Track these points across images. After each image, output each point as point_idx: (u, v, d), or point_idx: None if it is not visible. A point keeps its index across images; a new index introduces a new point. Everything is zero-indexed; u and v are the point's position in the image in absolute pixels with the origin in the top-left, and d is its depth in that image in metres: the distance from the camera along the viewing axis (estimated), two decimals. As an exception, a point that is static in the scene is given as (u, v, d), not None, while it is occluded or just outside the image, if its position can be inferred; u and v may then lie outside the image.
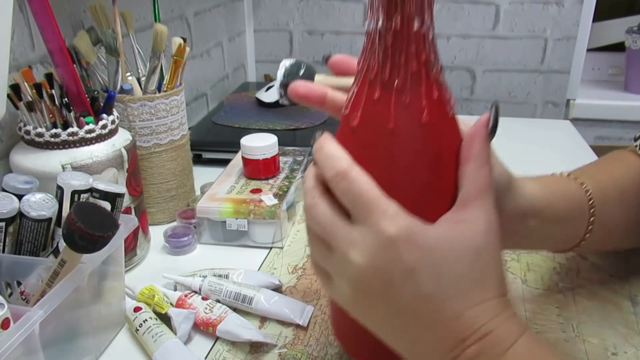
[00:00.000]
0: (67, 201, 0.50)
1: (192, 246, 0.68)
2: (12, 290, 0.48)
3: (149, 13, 0.82)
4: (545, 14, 1.35)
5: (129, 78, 0.69)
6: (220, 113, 1.06)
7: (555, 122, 1.24)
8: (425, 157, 0.36)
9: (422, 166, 0.36)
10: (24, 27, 0.64)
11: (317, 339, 0.53)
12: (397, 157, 0.36)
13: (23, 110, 0.56)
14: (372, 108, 0.36)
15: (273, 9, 1.45)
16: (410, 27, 0.34)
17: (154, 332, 0.51)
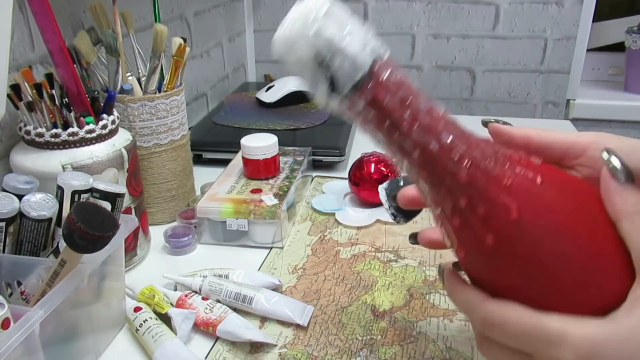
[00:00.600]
0: (68, 201, 0.50)
1: (192, 246, 0.68)
2: (12, 290, 0.48)
3: (149, 13, 0.82)
4: (545, 14, 1.35)
5: (129, 78, 0.69)
6: (221, 113, 1.06)
7: (555, 122, 1.24)
8: (566, 240, 0.31)
9: (571, 251, 0.31)
10: (24, 27, 0.64)
11: (317, 339, 0.53)
12: (534, 259, 0.31)
13: (23, 111, 0.56)
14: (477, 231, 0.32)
15: (273, 9, 1.45)
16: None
17: (154, 332, 0.51)
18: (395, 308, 0.57)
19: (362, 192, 0.77)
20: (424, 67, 1.45)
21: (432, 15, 1.39)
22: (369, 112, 0.31)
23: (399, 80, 0.31)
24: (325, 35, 0.29)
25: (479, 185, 0.31)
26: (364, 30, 0.30)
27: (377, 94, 0.30)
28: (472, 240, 0.32)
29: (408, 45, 1.43)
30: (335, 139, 0.94)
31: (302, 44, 0.29)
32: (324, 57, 0.29)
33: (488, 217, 0.31)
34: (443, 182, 0.32)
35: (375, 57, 0.30)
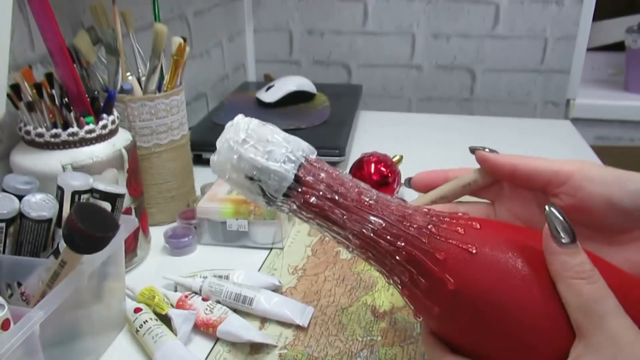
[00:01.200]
0: (68, 202, 0.50)
1: (192, 247, 0.68)
2: (12, 291, 0.48)
3: (149, 13, 0.81)
4: (545, 13, 1.35)
5: (129, 78, 0.69)
6: (221, 113, 1.06)
7: (555, 122, 1.24)
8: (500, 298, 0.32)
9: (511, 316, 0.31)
10: (24, 27, 0.63)
11: (317, 339, 0.53)
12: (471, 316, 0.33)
13: (23, 111, 0.56)
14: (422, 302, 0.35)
15: (273, 8, 1.45)
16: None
17: (154, 333, 0.51)
18: (395, 309, 0.57)
19: (363, 193, 0.77)
20: (424, 67, 1.45)
21: (432, 15, 1.39)
22: (304, 212, 0.35)
23: (324, 178, 0.35)
24: (246, 158, 0.34)
25: (416, 262, 0.34)
26: (286, 141, 0.35)
27: (306, 197, 0.35)
28: (422, 308, 0.35)
29: (408, 45, 1.43)
30: (335, 139, 0.94)
31: (230, 169, 0.35)
32: (252, 175, 0.34)
33: (429, 290, 0.34)
34: (385, 261, 0.35)
35: (300, 163, 0.35)
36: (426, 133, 1.10)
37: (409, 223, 0.34)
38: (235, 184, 0.35)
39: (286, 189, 0.34)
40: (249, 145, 0.34)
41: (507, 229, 0.36)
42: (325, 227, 0.36)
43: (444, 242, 0.34)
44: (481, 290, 0.32)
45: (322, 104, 1.11)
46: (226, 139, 0.35)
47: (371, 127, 1.15)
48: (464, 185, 0.43)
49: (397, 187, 0.78)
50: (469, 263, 0.33)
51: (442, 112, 1.47)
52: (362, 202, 0.35)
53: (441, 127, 1.14)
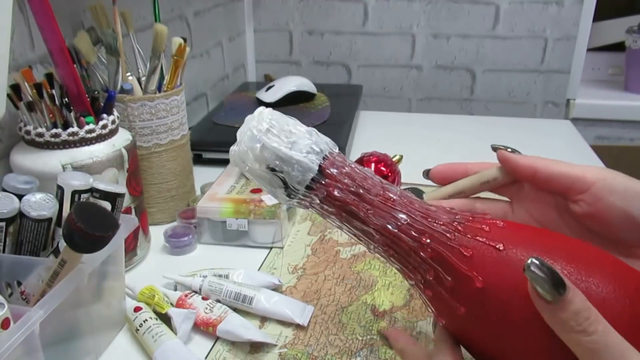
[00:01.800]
0: (68, 201, 0.50)
1: (192, 246, 0.68)
2: (12, 290, 0.48)
3: (149, 13, 0.82)
4: (545, 13, 1.35)
5: (129, 78, 0.69)
6: (221, 113, 1.06)
7: (555, 122, 1.24)
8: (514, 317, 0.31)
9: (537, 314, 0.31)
10: (24, 27, 0.64)
11: (317, 338, 0.53)
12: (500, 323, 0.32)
13: (23, 110, 0.56)
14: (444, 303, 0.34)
15: (273, 9, 1.45)
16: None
17: (154, 332, 0.51)
18: (395, 308, 0.57)
19: (362, 192, 0.77)
20: (424, 67, 1.45)
21: (432, 15, 1.39)
22: (327, 206, 0.34)
23: (348, 172, 0.34)
24: (270, 148, 0.33)
25: (442, 259, 0.33)
26: (308, 133, 0.34)
27: (329, 190, 0.34)
28: (446, 309, 0.34)
29: (408, 45, 1.43)
30: (335, 139, 0.93)
31: (252, 158, 0.33)
32: (274, 166, 0.33)
33: (455, 288, 0.33)
34: (409, 259, 0.34)
35: (323, 156, 0.34)
36: (426, 133, 1.10)
37: (434, 220, 0.34)
38: (256, 176, 0.34)
39: (309, 181, 0.33)
40: (273, 134, 0.33)
41: (529, 229, 0.35)
42: (347, 223, 0.35)
43: (470, 239, 0.33)
44: (508, 288, 0.31)
45: (322, 104, 1.11)
46: (249, 127, 0.34)
47: (371, 127, 1.15)
48: (482, 183, 0.43)
49: (398, 187, 0.78)
50: (496, 260, 0.32)
51: (442, 112, 1.47)
52: (387, 197, 0.34)
53: (441, 127, 1.14)
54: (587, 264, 0.31)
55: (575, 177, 0.37)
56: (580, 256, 0.31)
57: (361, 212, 0.34)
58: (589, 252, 0.33)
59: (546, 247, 0.33)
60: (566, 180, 0.38)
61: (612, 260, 0.33)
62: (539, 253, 0.32)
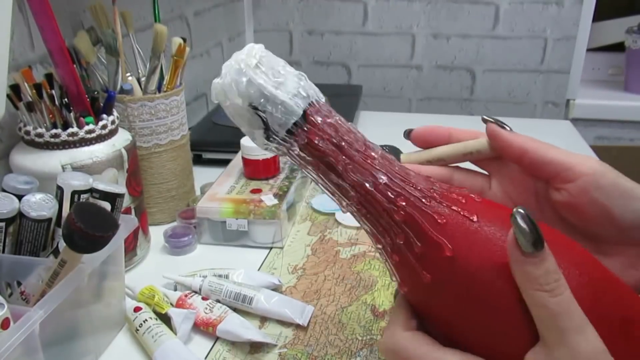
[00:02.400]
0: (67, 201, 0.50)
1: (192, 246, 0.68)
2: (12, 290, 0.48)
3: (149, 13, 0.82)
4: (545, 13, 1.35)
5: (129, 78, 0.69)
6: (221, 113, 1.06)
7: (555, 122, 1.24)
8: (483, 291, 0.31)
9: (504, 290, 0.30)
10: (23, 27, 0.64)
11: (317, 338, 0.53)
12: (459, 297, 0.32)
13: (23, 111, 0.56)
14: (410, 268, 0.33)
15: (273, 9, 1.45)
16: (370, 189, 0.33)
17: (154, 332, 0.51)
18: (395, 308, 0.57)
19: (362, 192, 0.77)
20: (424, 67, 1.45)
21: (432, 15, 1.39)
22: (305, 154, 0.33)
23: (332, 123, 0.33)
24: (256, 84, 0.31)
25: (414, 223, 0.32)
26: (297, 76, 0.33)
27: (311, 138, 0.32)
28: (411, 276, 0.33)
29: (408, 45, 1.43)
30: (335, 139, 0.94)
31: (236, 93, 0.32)
32: (257, 105, 0.31)
33: (424, 255, 0.32)
34: (380, 220, 0.33)
35: (309, 102, 0.32)
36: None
37: (412, 184, 0.33)
38: (236, 113, 0.33)
39: (291, 124, 0.32)
40: (261, 71, 0.32)
41: (505, 209, 0.34)
42: (323, 175, 0.33)
43: (445, 207, 0.32)
44: (477, 261, 0.31)
45: (322, 104, 1.11)
46: (236, 60, 0.32)
47: (371, 127, 1.15)
48: (465, 154, 0.40)
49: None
50: (469, 231, 0.31)
51: (442, 112, 1.47)
52: (368, 154, 0.33)
53: (441, 127, 1.14)
54: (556, 249, 0.30)
55: (565, 166, 0.36)
56: (550, 240, 0.31)
57: (339, 166, 0.32)
58: (558, 238, 0.33)
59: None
60: (554, 168, 0.36)
61: (579, 250, 0.33)
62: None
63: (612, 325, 0.29)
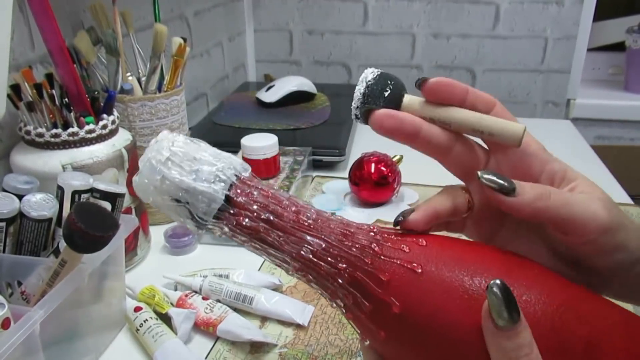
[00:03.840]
0: (68, 201, 0.50)
1: (192, 246, 0.68)
2: (12, 290, 0.48)
3: (149, 13, 0.82)
4: (545, 13, 1.35)
5: (129, 78, 0.69)
6: (221, 113, 1.06)
7: (555, 122, 1.24)
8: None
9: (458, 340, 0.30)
10: (24, 27, 0.64)
11: (317, 338, 0.53)
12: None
13: (23, 111, 0.56)
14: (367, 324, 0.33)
15: (273, 8, 1.45)
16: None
17: (154, 332, 0.51)
18: (395, 308, 0.57)
19: (362, 192, 0.77)
20: (424, 67, 1.45)
21: (432, 15, 1.39)
22: (237, 234, 0.32)
23: (258, 199, 0.32)
24: (171, 180, 0.30)
25: (358, 284, 0.32)
26: (215, 158, 0.32)
27: (238, 219, 0.32)
28: (367, 332, 0.33)
29: (408, 45, 1.43)
30: (335, 139, 0.94)
31: (153, 191, 0.31)
32: (178, 198, 0.31)
33: (373, 313, 0.32)
34: (327, 284, 0.32)
35: (231, 183, 0.32)
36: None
37: (351, 243, 0.32)
38: (161, 208, 0.32)
39: (216, 210, 0.31)
40: (173, 164, 0.31)
41: (454, 245, 0.33)
42: (261, 250, 0.33)
43: (388, 261, 0.31)
44: (426, 312, 0.30)
45: (322, 104, 1.11)
46: (148, 158, 0.31)
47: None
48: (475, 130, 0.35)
49: (397, 186, 0.78)
50: (414, 284, 0.31)
51: (442, 112, 1.46)
52: (300, 221, 0.32)
53: (441, 127, 1.14)
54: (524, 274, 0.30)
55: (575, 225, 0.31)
56: (519, 264, 0.30)
57: (273, 240, 0.32)
58: (526, 263, 0.32)
59: (472, 262, 0.31)
60: (564, 228, 0.32)
61: (548, 274, 0.32)
62: (459, 273, 0.31)
63: (576, 353, 0.29)
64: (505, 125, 0.35)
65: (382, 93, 0.35)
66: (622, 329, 0.30)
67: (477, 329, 0.29)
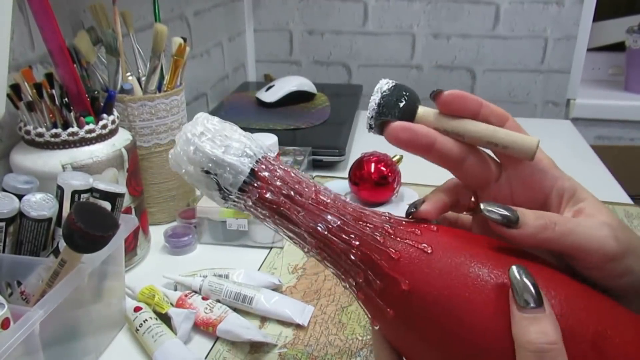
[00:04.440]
0: (68, 201, 0.50)
1: (192, 246, 0.68)
2: (12, 290, 0.48)
3: (149, 13, 0.82)
4: (545, 13, 1.35)
5: (129, 78, 0.69)
6: (221, 113, 1.06)
7: (555, 122, 1.24)
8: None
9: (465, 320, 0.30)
10: (24, 27, 0.64)
11: (317, 338, 0.53)
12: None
13: (23, 110, 0.56)
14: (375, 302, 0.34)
15: (273, 8, 1.45)
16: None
17: (154, 332, 0.51)
18: (395, 308, 0.57)
19: (362, 192, 0.77)
20: (424, 67, 1.45)
21: (432, 15, 1.39)
22: (260, 208, 0.35)
23: (281, 175, 0.35)
24: (203, 150, 0.34)
25: (370, 261, 0.33)
26: (245, 137, 0.35)
27: (262, 192, 0.34)
28: (377, 312, 0.34)
29: (408, 45, 1.43)
30: (335, 139, 0.94)
31: (186, 161, 0.35)
32: (208, 169, 0.34)
33: (384, 291, 0.33)
34: (340, 261, 0.34)
35: (256, 160, 0.35)
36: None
37: (365, 223, 0.34)
38: (192, 178, 0.35)
39: (242, 182, 0.34)
40: (206, 138, 0.34)
41: (464, 235, 0.35)
42: (280, 225, 0.35)
43: (399, 241, 0.33)
44: (434, 291, 0.31)
45: (322, 104, 1.11)
46: (184, 131, 0.35)
47: (371, 127, 1.14)
48: (490, 142, 0.35)
49: (397, 186, 0.78)
50: (424, 263, 0.32)
51: (442, 112, 1.46)
52: (319, 200, 0.34)
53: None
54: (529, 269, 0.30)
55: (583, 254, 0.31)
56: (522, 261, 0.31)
57: (293, 214, 0.34)
58: (530, 258, 0.32)
59: (480, 252, 0.32)
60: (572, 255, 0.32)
61: (551, 269, 0.32)
62: (468, 259, 0.31)
63: (584, 341, 0.29)
64: (519, 138, 0.36)
65: (397, 104, 0.36)
66: (632, 323, 0.30)
67: (480, 313, 0.30)
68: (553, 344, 0.27)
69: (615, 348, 0.29)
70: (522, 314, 0.28)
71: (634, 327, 0.30)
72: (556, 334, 0.28)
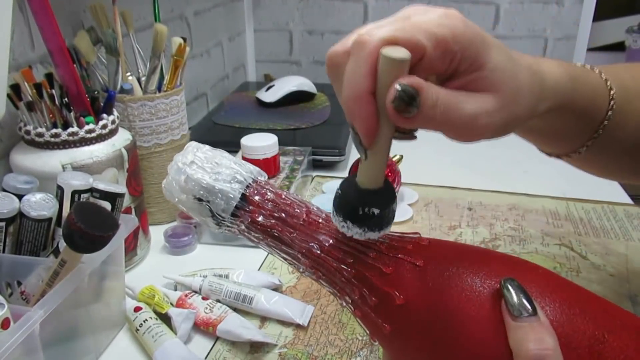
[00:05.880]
0: (68, 201, 0.50)
1: (192, 246, 0.68)
2: (12, 290, 0.48)
3: (149, 13, 0.82)
4: (545, 13, 1.35)
5: (129, 78, 0.69)
6: (221, 113, 1.06)
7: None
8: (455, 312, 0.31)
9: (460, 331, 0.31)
10: (24, 27, 0.64)
11: (317, 338, 0.53)
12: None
13: (23, 110, 0.56)
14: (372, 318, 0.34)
15: (273, 8, 1.45)
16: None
17: (154, 332, 0.51)
18: (395, 308, 0.57)
19: (362, 192, 0.77)
20: (424, 67, 1.45)
21: (432, 15, 1.39)
22: (253, 231, 0.36)
23: (272, 198, 0.36)
24: (194, 179, 0.35)
25: (364, 278, 0.34)
26: (235, 163, 0.36)
27: (253, 216, 0.35)
28: (374, 327, 0.34)
29: (408, 45, 1.43)
30: (335, 139, 0.94)
31: (179, 190, 0.36)
32: (200, 196, 0.35)
33: (379, 307, 0.33)
34: (335, 280, 0.35)
35: (247, 185, 0.35)
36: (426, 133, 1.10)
37: (357, 240, 0.34)
38: (186, 206, 0.36)
39: (234, 208, 0.35)
40: (197, 166, 0.35)
41: (456, 246, 0.35)
42: (274, 247, 0.36)
43: (391, 257, 0.33)
44: (428, 304, 0.32)
45: (322, 104, 1.11)
46: (175, 161, 0.36)
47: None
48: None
49: (397, 186, 0.78)
50: (417, 277, 0.32)
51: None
52: (310, 220, 0.35)
53: (441, 127, 1.13)
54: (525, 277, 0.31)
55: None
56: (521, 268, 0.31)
57: (285, 236, 0.35)
58: (528, 266, 0.33)
59: (471, 262, 0.32)
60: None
61: (551, 275, 0.33)
62: (460, 270, 0.32)
63: (581, 346, 0.29)
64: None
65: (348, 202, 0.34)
66: (632, 326, 0.30)
67: (476, 323, 0.30)
68: (549, 350, 0.28)
69: (615, 351, 0.29)
70: (517, 323, 0.28)
71: (634, 329, 0.30)
72: (552, 340, 0.28)
